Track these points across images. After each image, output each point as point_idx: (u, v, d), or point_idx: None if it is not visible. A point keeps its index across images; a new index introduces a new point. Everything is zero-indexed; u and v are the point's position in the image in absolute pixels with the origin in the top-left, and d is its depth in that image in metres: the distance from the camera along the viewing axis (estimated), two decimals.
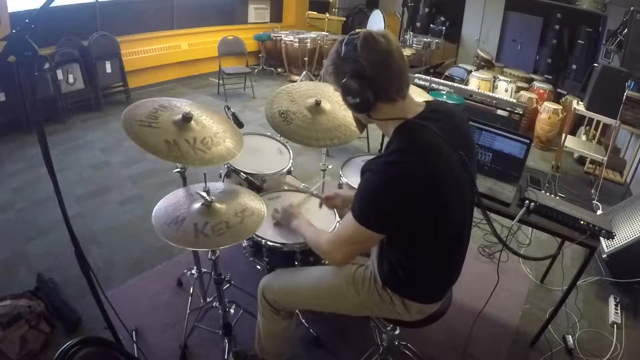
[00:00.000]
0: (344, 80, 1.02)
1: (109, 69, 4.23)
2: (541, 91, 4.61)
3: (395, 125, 1.05)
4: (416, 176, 0.97)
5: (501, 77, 4.80)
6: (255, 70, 5.71)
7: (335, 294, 1.28)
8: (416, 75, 4.07)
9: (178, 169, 1.60)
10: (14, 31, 0.89)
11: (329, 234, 1.21)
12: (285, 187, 1.77)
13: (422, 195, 0.98)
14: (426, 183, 0.98)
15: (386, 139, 1.11)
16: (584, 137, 4.01)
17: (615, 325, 2.03)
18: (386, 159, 1.00)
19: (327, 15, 5.73)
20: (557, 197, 1.78)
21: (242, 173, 1.69)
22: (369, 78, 0.99)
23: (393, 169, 0.98)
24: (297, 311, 1.61)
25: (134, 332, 1.74)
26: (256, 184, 1.68)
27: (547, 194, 1.76)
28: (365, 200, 1.02)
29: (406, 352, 1.73)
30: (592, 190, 3.18)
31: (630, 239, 2.20)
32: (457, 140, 1.04)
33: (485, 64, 5.45)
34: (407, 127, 1.03)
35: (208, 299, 1.82)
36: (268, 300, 1.34)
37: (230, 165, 1.71)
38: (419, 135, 1.01)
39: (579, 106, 3.52)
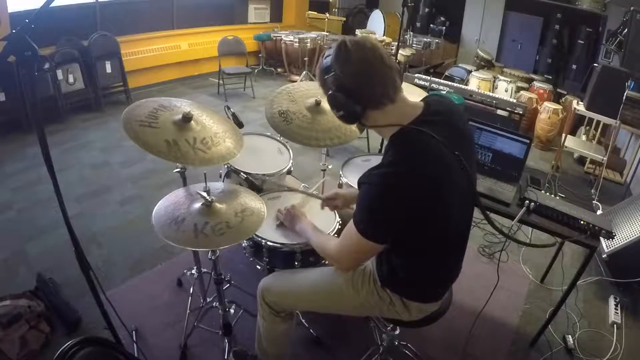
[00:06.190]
0: (328, 94, 1.03)
1: (109, 69, 4.23)
2: (541, 91, 4.61)
3: (391, 132, 1.03)
4: (413, 185, 0.96)
5: (501, 77, 4.80)
6: (255, 70, 5.71)
7: (334, 295, 1.27)
8: (416, 75, 4.07)
9: (178, 169, 1.60)
10: (14, 31, 0.89)
11: (335, 240, 1.20)
12: (286, 187, 1.77)
13: (420, 203, 0.97)
14: (424, 190, 0.97)
15: (386, 139, 1.09)
16: (584, 137, 4.01)
17: (615, 325, 2.03)
18: (382, 171, 0.98)
19: (327, 15, 5.74)
20: (557, 197, 1.78)
21: (242, 173, 1.69)
22: (349, 90, 0.99)
23: (389, 181, 0.96)
24: (297, 311, 1.60)
25: (134, 332, 1.74)
26: (256, 184, 1.68)
27: (547, 194, 1.76)
28: (363, 212, 1.02)
29: (406, 352, 1.73)
30: (592, 190, 3.19)
31: (630, 239, 2.20)
32: (455, 141, 1.02)
33: (485, 64, 5.45)
34: (403, 135, 1.01)
35: (208, 299, 1.82)
36: (268, 302, 1.33)
37: (230, 165, 1.71)
38: (415, 143, 0.99)
39: (579, 106, 3.52)
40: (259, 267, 1.54)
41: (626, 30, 3.60)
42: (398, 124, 1.02)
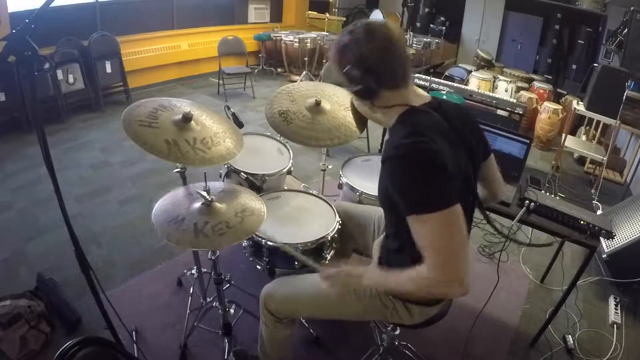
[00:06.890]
0: (346, 69, 1.01)
1: (109, 69, 4.23)
2: (541, 91, 4.61)
3: (399, 112, 1.03)
4: (436, 150, 0.93)
5: (501, 77, 4.80)
6: (255, 70, 5.71)
7: (337, 302, 1.26)
8: (416, 75, 4.06)
9: (178, 169, 1.60)
10: (14, 31, 0.89)
11: (412, 269, 0.96)
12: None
13: (446, 167, 0.93)
14: (444, 157, 0.93)
15: (389, 122, 1.07)
16: (584, 137, 4.01)
17: (615, 325, 2.03)
18: (406, 142, 0.94)
19: (327, 15, 5.73)
20: (557, 197, 1.78)
21: (242, 173, 1.69)
22: (370, 66, 0.98)
23: (418, 147, 0.92)
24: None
25: (134, 332, 1.74)
26: (256, 184, 1.68)
27: (547, 194, 1.76)
28: (414, 187, 0.92)
29: (406, 352, 1.72)
30: (592, 190, 3.18)
31: (630, 239, 2.20)
32: (464, 131, 1.04)
33: (485, 64, 5.45)
34: (413, 113, 1.02)
35: (208, 299, 1.82)
36: (270, 310, 1.32)
37: (230, 165, 1.71)
38: (426, 121, 1.00)
39: (579, 106, 3.52)
40: (259, 267, 1.54)
41: (626, 30, 3.60)
42: (407, 104, 1.03)
